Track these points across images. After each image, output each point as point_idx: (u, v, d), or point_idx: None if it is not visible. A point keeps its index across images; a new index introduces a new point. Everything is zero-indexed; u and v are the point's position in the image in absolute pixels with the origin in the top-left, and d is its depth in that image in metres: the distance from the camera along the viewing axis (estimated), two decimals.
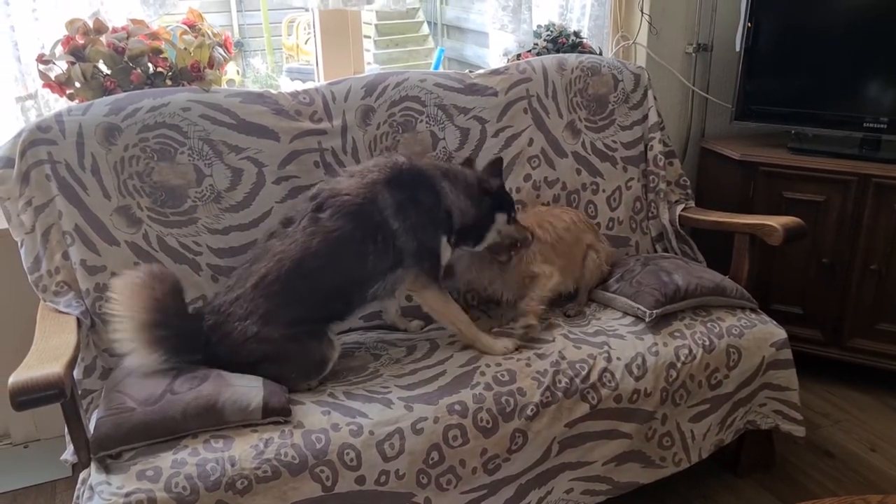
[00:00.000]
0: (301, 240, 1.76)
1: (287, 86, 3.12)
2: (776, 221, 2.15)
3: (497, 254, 2.02)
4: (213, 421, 1.56)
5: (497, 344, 1.90)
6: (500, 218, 1.97)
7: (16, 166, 1.83)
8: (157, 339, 1.63)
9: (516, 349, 1.90)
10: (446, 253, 1.93)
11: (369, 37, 5.24)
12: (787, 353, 2.09)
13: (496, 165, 2.04)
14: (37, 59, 1.97)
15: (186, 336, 1.69)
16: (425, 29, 5.51)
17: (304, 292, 1.74)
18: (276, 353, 1.70)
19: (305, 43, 4.90)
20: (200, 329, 1.73)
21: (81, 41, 1.95)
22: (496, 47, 2.74)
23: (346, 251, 1.77)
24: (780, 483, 2.22)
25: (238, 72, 4.56)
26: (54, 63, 1.96)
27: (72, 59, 1.94)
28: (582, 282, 2.19)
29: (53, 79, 1.96)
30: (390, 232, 1.81)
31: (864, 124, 2.57)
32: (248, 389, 1.61)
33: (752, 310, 2.15)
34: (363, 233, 1.78)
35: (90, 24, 1.98)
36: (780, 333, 2.09)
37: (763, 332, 2.07)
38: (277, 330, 1.70)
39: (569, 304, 2.16)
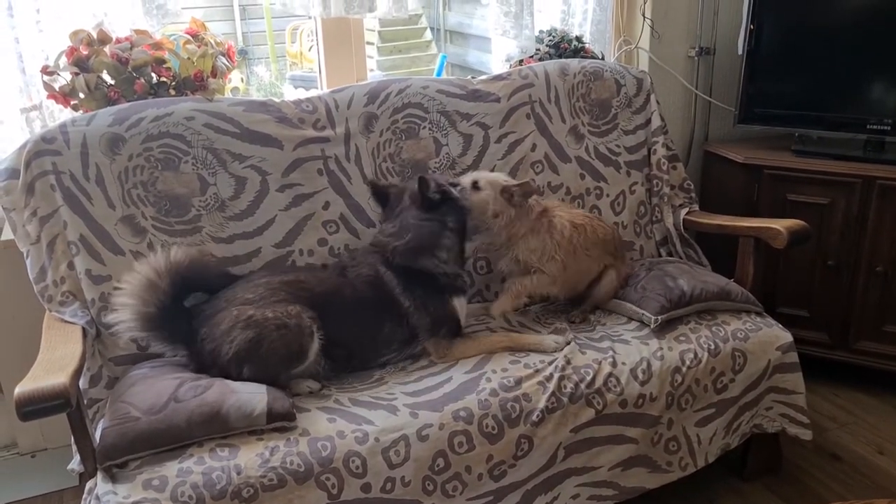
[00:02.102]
0: (338, 281, 1.90)
1: (290, 93, 3.12)
2: (780, 224, 2.15)
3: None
4: (217, 428, 1.56)
5: (545, 340, 1.93)
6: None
7: (21, 177, 1.83)
8: (151, 327, 1.73)
9: (567, 343, 1.93)
10: (464, 311, 1.97)
11: (372, 43, 5.25)
12: (793, 357, 2.08)
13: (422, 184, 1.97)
14: (41, 71, 1.98)
15: (177, 329, 1.77)
16: (428, 35, 5.51)
17: (323, 317, 1.78)
18: (257, 338, 1.69)
19: (309, 50, 4.91)
20: (190, 324, 1.78)
21: (85, 52, 1.96)
22: (499, 52, 2.75)
23: (367, 310, 1.87)
24: (788, 487, 2.21)
25: (242, 79, 4.57)
26: (58, 74, 1.98)
27: (76, 69, 1.95)
28: (594, 296, 2.15)
29: (58, 90, 1.97)
30: (403, 309, 1.89)
31: (868, 126, 2.56)
32: (252, 395, 1.62)
33: (758, 313, 2.14)
34: (380, 303, 1.89)
35: (94, 34, 1.99)
36: (786, 337, 2.08)
37: (769, 336, 2.07)
38: (273, 312, 1.72)
39: (573, 310, 2.15)
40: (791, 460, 2.31)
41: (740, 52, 2.71)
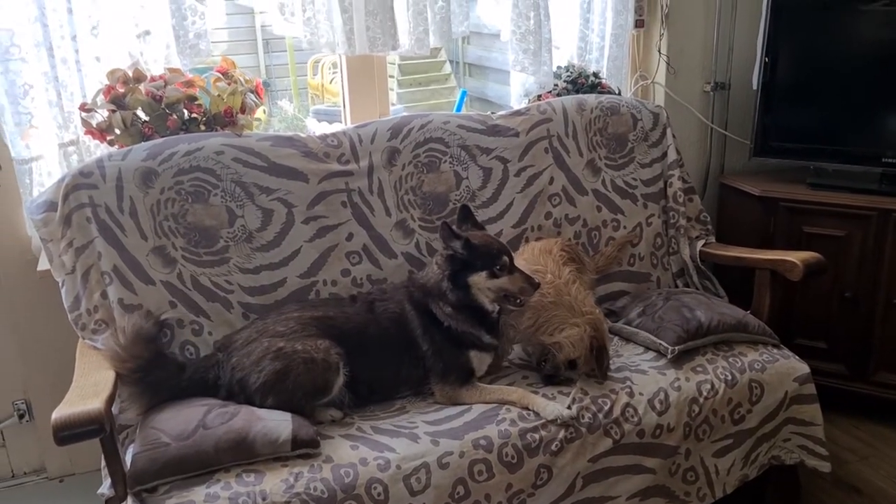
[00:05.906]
0: (365, 317, 1.93)
1: (314, 127, 3.20)
2: (796, 257, 2.17)
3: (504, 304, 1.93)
4: (244, 454, 1.61)
5: (549, 407, 1.81)
6: (477, 279, 1.88)
7: (58, 209, 1.91)
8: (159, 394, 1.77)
9: (571, 419, 1.80)
10: (482, 361, 1.95)
11: (393, 76, 5.36)
12: (811, 388, 2.09)
13: (463, 213, 2.04)
14: (79, 108, 2.06)
15: (192, 386, 1.80)
16: (448, 68, 5.62)
17: (349, 354, 1.83)
18: (285, 369, 1.74)
19: (330, 82, 5.02)
20: (206, 372, 1.83)
21: (122, 90, 2.04)
22: (517, 86, 2.81)
23: (390, 348, 1.92)
24: None
25: (264, 111, 4.67)
26: (96, 111, 2.06)
27: (113, 107, 2.03)
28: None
29: (95, 126, 2.05)
30: (421, 352, 1.92)
31: (884, 159, 2.59)
32: (278, 423, 1.66)
33: (775, 345, 2.16)
34: (402, 342, 1.93)
35: (130, 73, 2.08)
36: (803, 368, 2.09)
37: (786, 367, 2.08)
38: (303, 345, 1.77)
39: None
40: (811, 492, 2.30)
41: (755, 86, 2.76)
